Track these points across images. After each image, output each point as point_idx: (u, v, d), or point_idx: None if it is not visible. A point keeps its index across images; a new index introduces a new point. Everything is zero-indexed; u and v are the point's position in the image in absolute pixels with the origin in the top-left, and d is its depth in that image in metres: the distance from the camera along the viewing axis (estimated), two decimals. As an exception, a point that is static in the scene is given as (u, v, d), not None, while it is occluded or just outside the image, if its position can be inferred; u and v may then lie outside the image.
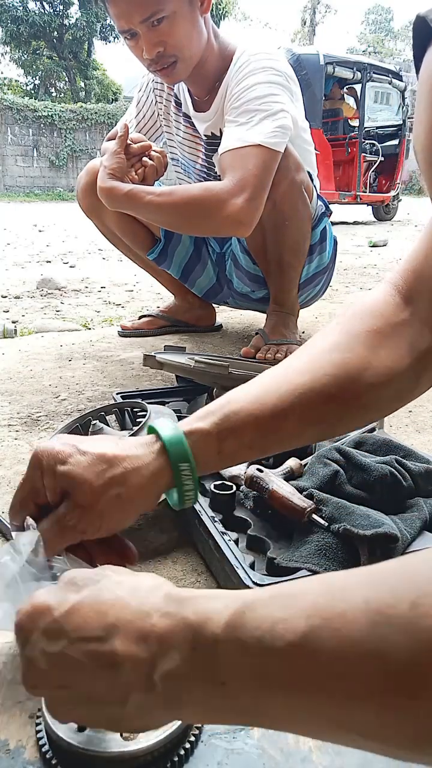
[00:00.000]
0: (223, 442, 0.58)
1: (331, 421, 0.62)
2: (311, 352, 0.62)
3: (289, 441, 0.62)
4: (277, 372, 0.62)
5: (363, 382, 0.59)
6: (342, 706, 0.30)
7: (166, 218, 1.43)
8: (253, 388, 0.61)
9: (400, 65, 18.76)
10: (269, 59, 1.45)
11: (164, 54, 1.38)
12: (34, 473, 0.56)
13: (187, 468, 0.57)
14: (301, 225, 1.58)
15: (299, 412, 0.59)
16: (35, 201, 13.61)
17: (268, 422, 0.58)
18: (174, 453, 0.57)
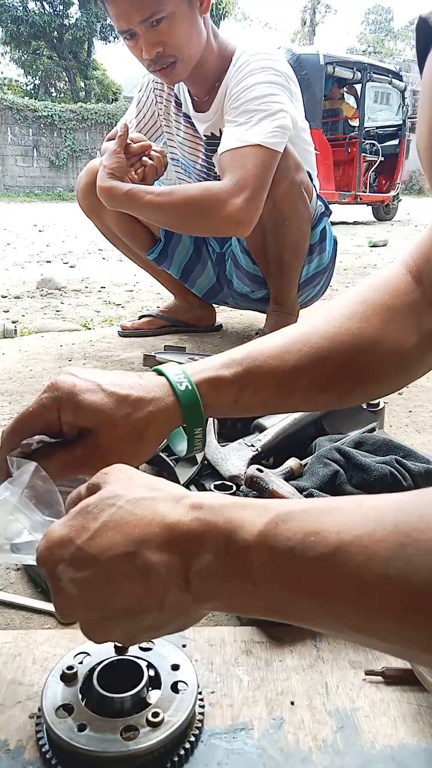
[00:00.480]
0: (241, 393, 0.59)
1: (340, 390, 0.63)
2: (331, 316, 0.63)
3: (300, 404, 0.64)
4: (300, 330, 0.63)
5: (374, 354, 0.61)
6: (363, 615, 0.33)
7: (165, 218, 1.43)
8: (277, 342, 0.62)
9: (400, 65, 18.78)
10: (269, 59, 1.45)
11: (164, 54, 1.38)
12: (50, 405, 0.54)
13: (199, 432, 0.58)
14: (301, 225, 1.58)
15: (314, 376, 0.60)
16: (35, 201, 13.61)
17: (285, 381, 0.60)
18: (189, 417, 0.57)
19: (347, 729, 0.51)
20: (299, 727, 0.51)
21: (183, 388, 0.57)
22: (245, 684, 0.55)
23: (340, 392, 0.63)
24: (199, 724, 0.50)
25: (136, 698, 0.48)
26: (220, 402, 0.59)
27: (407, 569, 0.31)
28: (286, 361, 0.60)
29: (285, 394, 0.61)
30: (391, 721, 0.51)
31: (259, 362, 0.60)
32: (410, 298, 0.63)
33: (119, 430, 0.54)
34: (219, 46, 1.49)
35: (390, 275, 0.65)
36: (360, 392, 0.65)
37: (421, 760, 0.48)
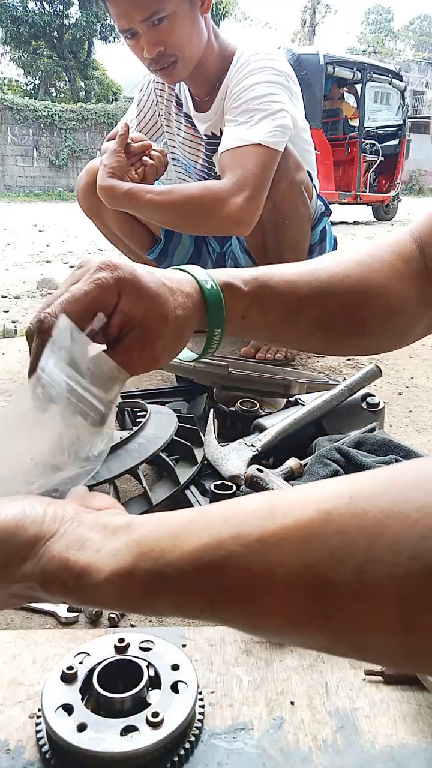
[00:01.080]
0: (251, 309, 0.60)
1: (336, 333, 0.64)
2: (342, 260, 0.65)
3: (300, 339, 0.66)
4: (313, 266, 0.64)
5: (376, 305, 0.63)
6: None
7: (165, 217, 1.43)
8: (291, 271, 0.63)
9: (400, 65, 18.79)
10: (269, 59, 1.45)
11: (164, 53, 1.38)
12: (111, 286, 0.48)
13: (219, 333, 0.59)
14: (301, 224, 1.58)
15: (317, 311, 0.62)
16: (35, 201, 13.61)
17: (292, 308, 0.61)
18: (212, 311, 0.57)
19: (347, 729, 0.51)
20: (299, 727, 0.51)
21: (209, 287, 0.57)
22: (245, 684, 0.55)
23: (335, 335, 0.65)
24: (199, 724, 0.50)
25: (136, 698, 0.48)
26: (232, 311, 0.59)
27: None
28: (297, 288, 0.61)
29: (290, 322, 0.62)
30: (391, 721, 0.51)
31: (273, 283, 0.61)
32: (414, 265, 0.65)
33: (169, 326, 0.53)
34: (220, 46, 1.49)
35: (398, 239, 0.67)
36: (352, 340, 0.67)
37: (421, 760, 0.48)
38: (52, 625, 0.67)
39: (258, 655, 0.59)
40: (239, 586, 0.32)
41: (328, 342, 0.67)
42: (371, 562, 0.27)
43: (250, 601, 0.32)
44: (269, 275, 0.61)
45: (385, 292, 0.63)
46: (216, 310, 0.58)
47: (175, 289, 0.55)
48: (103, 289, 0.48)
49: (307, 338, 0.65)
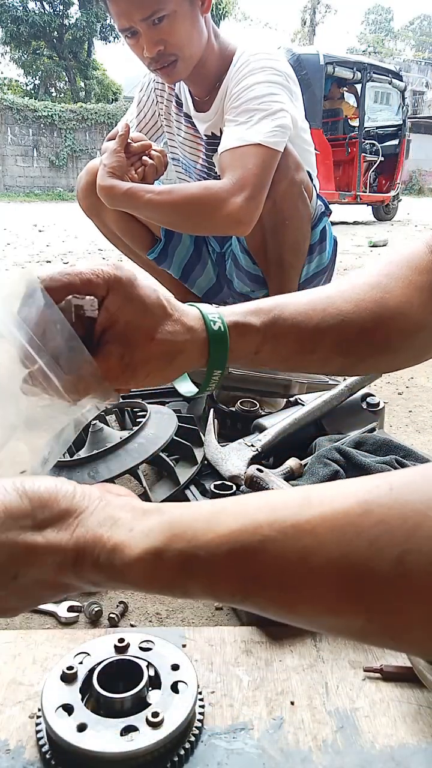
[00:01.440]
0: (264, 345, 0.59)
1: (357, 355, 0.63)
2: (356, 283, 0.64)
3: (316, 365, 0.64)
4: (326, 293, 0.63)
5: (395, 325, 0.61)
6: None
7: (165, 217, 1.43)
8: (303, 300, 0.62)
9: (400, 65, 18.80)
10: (269, 59, 1.45)
11: (164, 53, 1.38)
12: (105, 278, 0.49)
13: (218, 374, 0.58)
14: (301, 224, 1.58)
15: (335, 338, 0.60)
16: (35, 201, 13.61)
17: (308, 339, 0.60)
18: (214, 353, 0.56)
19: (347, 729, 0.51)
20: (299, 727, 0.51)
21: (216, 328, 0.56)
22: (245, 684, 0.55)
23: (356, 357, 0.63)
24: (199, 724, 0.50)
25: (136, 698, 0.48)
26: (242, 349, 0.58)
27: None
28: (310, 318, 0.60)
29: (306, 352, 0.61)
30: (391, 721, 0.51)
31: (286, 315, 0.60)
32: (431, 276, 0.64)
33: (155, 346, 0.52)
34: (220, 46, 1.49)
35: (413, 252, 0.66)
36: (374, 361, 0.65)
37: (421, 760, 0.48)
38: (52, 625, 0.67)
39: (258, 655, 0.59)
40: (274, 571, 0.32)
41: (348, 365, 0.66)
42: (411, 552, 0.28)
43: (285, 587, 0.32)
44: (282, 307, 0.60)
45: (403, 311, 0.62)
46: (218, 351, 0.56)
47: (175, 315, 0.54)
48: (96, 277, 0.49)
49: (325, 364, 0.64)
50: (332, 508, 0.31)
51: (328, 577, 0.30)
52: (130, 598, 0.71)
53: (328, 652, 0.59)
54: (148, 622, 0.68)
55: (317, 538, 0.31)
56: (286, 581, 0.32)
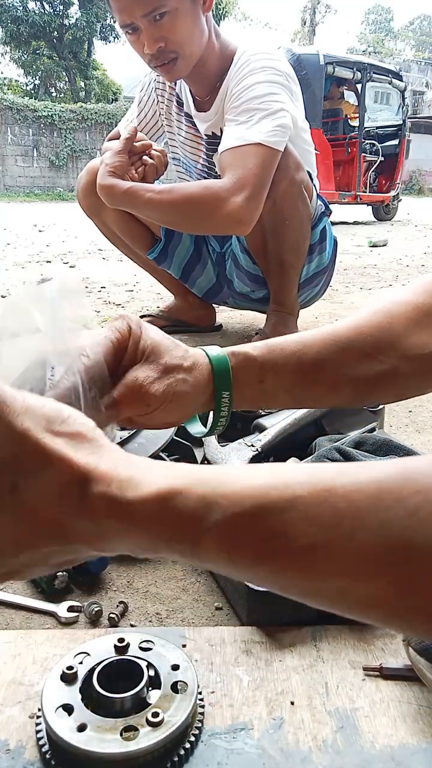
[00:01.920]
0: (266, 374, 0.59)
1: (365, 384, 0.61)
2: (359, 312, 0.63)
3: (327, 397, 0.62)
4: (330, 326, 0.62)
5: (398, 350, 0.59)
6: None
7: (165, 216, 1.43)
8: (306, 333, 0.62)
9: (400, 65, 18.81)
10: (269, 59, 1.45)
11: (165, 50, 1.38)
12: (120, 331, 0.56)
13: (227, 396, 0.58)
14: (301, 224, 1.58)
15: (337, 365, 0.59)
16: (35, 201, 13.61)
17: (309, 368, 0.59)
18: (218, 375, 0.57)
19: (347, 729, 0.51)
20: (299, 727, 0.51)
21: (214, 353, 0.58)
22: (245, 684, 0.55)
23: (364, 385, 0.61)
24: (199, 724, 0.50)
25: (136, 698, 0.48)
26: (247, 378, 0.58)
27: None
28: (309, 347, 0.59)
29: (308, 382, 0.60)
30: (391, 721, 0.51)
31: (282, 345, 0.60)
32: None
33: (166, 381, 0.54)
34: (221, 46, 1.49)
35: (422, 280, 0.65)
36: (384, 387, 0.62)
37: (421, 760, 0.48)
38: (52, 625, 0.67)
39: (258, 655, 0.59)
40: (302, 531, 0.29)
41: (358, 394, 0.63)
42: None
43: (312, 551, 0.29)
44: (282, 339, 0.60)
45: (408, 335, 0.59)
46: (222, 377, 0.57)
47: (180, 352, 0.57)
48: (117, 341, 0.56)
49: (334, 395, 0.62)
50: (369, 476, 0.30)
51: (361, 544, 0.28)
52: (131, 598, 0.71)
53: (328, 652, 0.59)
54: (148, 622, 0.68)
55: (353, 504, 0.29)
56: (312, 544, 0.29)
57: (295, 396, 0.62)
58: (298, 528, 0.29)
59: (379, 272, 3.91)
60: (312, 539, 0.29)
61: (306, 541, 0.29)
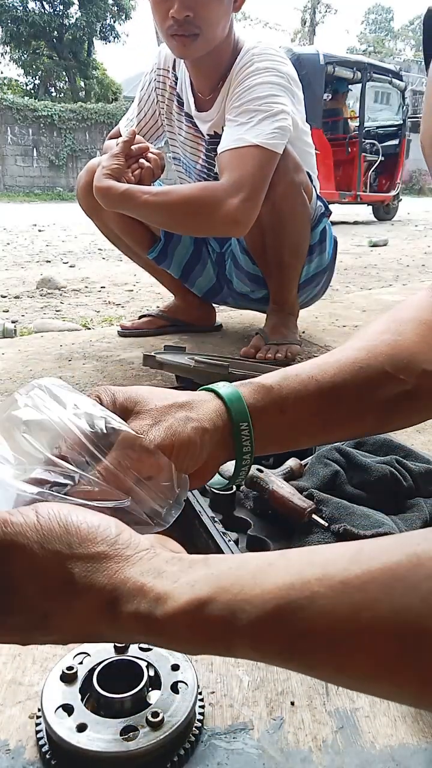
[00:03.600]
0: (285, 400, 0.54)
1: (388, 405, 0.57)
2: (363, 335, 0.61)
3: (349, 423, 0.58)
4: (336, 351, 0.59)
5: (416, 365, 0.57)
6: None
7: (162, 218, 1.43)
8: (308, 361, 0.58)
9: (400, 65, 18.81)
10: (272, 60, 1.45)
11: (191, 21, 1.36)
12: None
13: (246, 426, 0.51)
14: (300, 225, 1.58)
15: (357, 387, 0.56)
16: (35, 201, 13.61)
17: (329, 390, 0.55)
18: (231, 405, 0.51)
19: (347, 729, 0.51)
20: (299, 727, 0.51)
21: (221, 387, 0.53)
22: (245, 684, 0.55)
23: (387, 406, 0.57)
24: (199, 724, 0.50)
25: (136, 698, 0.48)
26: (265, 406, 0.53)
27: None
28: (325, 370, 0.56)
29: (332, 406, 0.55)
30: (391, 721, 0.51)
31: (297, 371, 0.56)
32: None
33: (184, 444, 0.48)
34: (233, 47, 1.50)
35: (419, 297, 0.63)
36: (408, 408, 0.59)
37: (421, 760, 0.48)
38: (52, 625, 0.67)
39: (258, 655, 0.59)
40: (323, 628, 0.31)
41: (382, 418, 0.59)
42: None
43: (334, 645, 0.30)
44: (294, 367, 0.57)
45: (420, 350, 0.58)
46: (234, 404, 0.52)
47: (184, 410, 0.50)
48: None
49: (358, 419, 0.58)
50: (381, 562, 0.30)
51: (378, 635, 0.29)
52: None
53: (328, 652, 0.59)
54: (148, 622, 0.68)
55: (367, 594, 0.29)
56: (335, 639, 0.30)
57: (324, 421, 0.56)
58: (320, 624, 0.31)
59: (379, 272, 3.91)
60: (333, 635, 0.30)
61: (328, 637, 0.30)
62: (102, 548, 0.36)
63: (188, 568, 0.36)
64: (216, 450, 0.51)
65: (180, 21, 1.35)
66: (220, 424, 0.51)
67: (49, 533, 0.36)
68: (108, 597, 0.35)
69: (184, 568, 0.36)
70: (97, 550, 0.36)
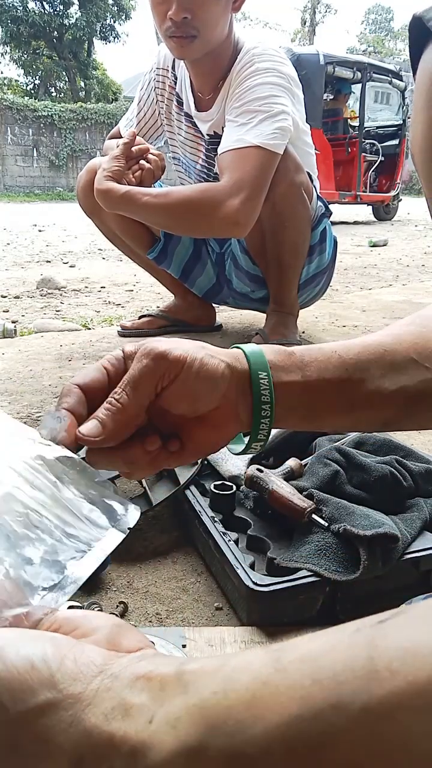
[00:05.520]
0: (307, 367, 0.52)
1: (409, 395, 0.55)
2: (386, 328, 0.59)
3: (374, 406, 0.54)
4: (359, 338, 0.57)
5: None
6: None
7: (162, 219, 1.43)
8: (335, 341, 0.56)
9: (400, 65, 18.78)
10: (273, 61, 1.45)
11: (189, 23, 1.36)
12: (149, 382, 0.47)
13: (265, 377, 0.50)
14: (301, 226, 1.58)
15: (383, 368, 0.54)
16: (35, 201, 13.61)
17: (354, 367, 0.53)
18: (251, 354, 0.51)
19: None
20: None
21: (246, 346, 0.53)
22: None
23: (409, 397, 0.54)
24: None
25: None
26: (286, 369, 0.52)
27: None
28: (349, 347, 0.54)
29: (356, 382, 0.53)
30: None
31: (319, 346, 0.55)
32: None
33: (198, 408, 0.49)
34: (234, 47, 1.50)
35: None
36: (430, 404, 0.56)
37: (422, 760, 0.48)
38: (52, 626, 0.66)
39: (258, 655, 0.59)
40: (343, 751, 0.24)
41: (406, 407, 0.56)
42: None
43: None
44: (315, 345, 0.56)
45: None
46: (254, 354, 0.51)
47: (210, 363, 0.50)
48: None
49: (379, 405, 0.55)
50: (408, 681, 0.24)
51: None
52: (130, 598, 0.71)
53: (328, 652, 0.59)
54: (148, 622, 0.68)
55: (400, 726, 0.23)
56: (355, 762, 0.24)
57: (348, 401, 0.53)
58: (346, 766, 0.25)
59: (379, 272, 3.91)
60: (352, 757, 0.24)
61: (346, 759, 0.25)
62: (43, 696, 0.28)
63: (160, 694, 0.28)
64: (233, 394, 0.50)
65: (178, 23, 1.35)
66: (237, 367, 0.50)
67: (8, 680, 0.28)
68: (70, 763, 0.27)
69: (154, 694, 0.28)
70: (38, 702, 0.28)
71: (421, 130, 0.44)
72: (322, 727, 0.25)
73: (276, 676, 0.27)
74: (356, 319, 2.19)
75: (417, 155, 0.46)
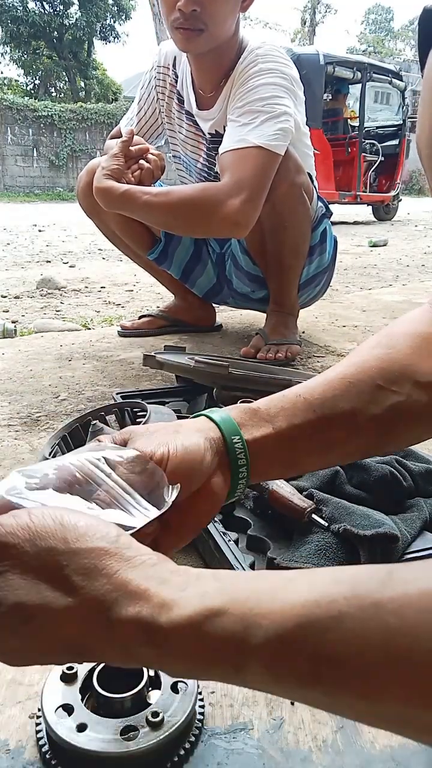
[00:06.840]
0: (275, 419, 0.51)
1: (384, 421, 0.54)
2: (354, 353, 0.59)
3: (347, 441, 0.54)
4: (325, 372, 0.57)
5: (409, 376, 0.55)
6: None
7: (162, 219, 1.43)
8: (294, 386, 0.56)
9: (400, 65, 18.81)
10: (276, 62, 1.45)
11: (197, 16, 1.35)
12: None
13: (239, 441, 0.49)
14: (301, 227, 1.58)
15: (350, 401, 0.53)
16: (35, 201, 13.61)
17: (320, 407, 0.52)
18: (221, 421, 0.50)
19: (347, 729, 0.50)
20: (299, 727, 0.51)
21: (213, 413, 0.52)
22: (245, 684, 0.55)
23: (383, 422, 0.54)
24: (199, 724, 0.50)
25: (136, 698, 0.48)
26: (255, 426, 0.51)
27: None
28: (312, 388, 0.54)
29: (324, 426, 0.52)
30: (391, 721, 0.51)
31: (282, 393, 0.54)
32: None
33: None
34: (238, 46, 1.50)
35: (415, 311, 0.61)
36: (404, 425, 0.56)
37: (421, 760, 0.48)
38: (52, 625, 0.66)
39: (258, 655, 0.59)
40: (352, 652, 0.27)
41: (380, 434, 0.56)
42: None
43: (365, 672, 0.27)
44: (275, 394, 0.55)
45: (413, 362, 0.55)
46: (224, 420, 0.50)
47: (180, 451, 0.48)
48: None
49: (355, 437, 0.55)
50: (418, 588, 0.27)
51: (419, 666, 0.26)
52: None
53: (328, 652, 0.59)
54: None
55: (403, 619, 0.26)
56: (367, 664, 0.27)
57: (321, 441, 0.53)
58: (349, 649, 0.27)
59: (379, 272, 3.91)
60: (363, 660, 0.27)
61: (357, 663, 0.27)
62: (101, 544, 0.33)
63: (196, 580, 0.33)
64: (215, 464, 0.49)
65: (186, 14, 1.34)
66: (214, 437, 0.49)
67: (42, 530, 0.33)
68: (105, 598, 0.31)
69: (191, 579, 0.33)
70: (97, 545, 0.33)
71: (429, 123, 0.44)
72: (334, 612, 0.28)
73: (301, 577, 0.31)
74: (356, 319, 2.20)
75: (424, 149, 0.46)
